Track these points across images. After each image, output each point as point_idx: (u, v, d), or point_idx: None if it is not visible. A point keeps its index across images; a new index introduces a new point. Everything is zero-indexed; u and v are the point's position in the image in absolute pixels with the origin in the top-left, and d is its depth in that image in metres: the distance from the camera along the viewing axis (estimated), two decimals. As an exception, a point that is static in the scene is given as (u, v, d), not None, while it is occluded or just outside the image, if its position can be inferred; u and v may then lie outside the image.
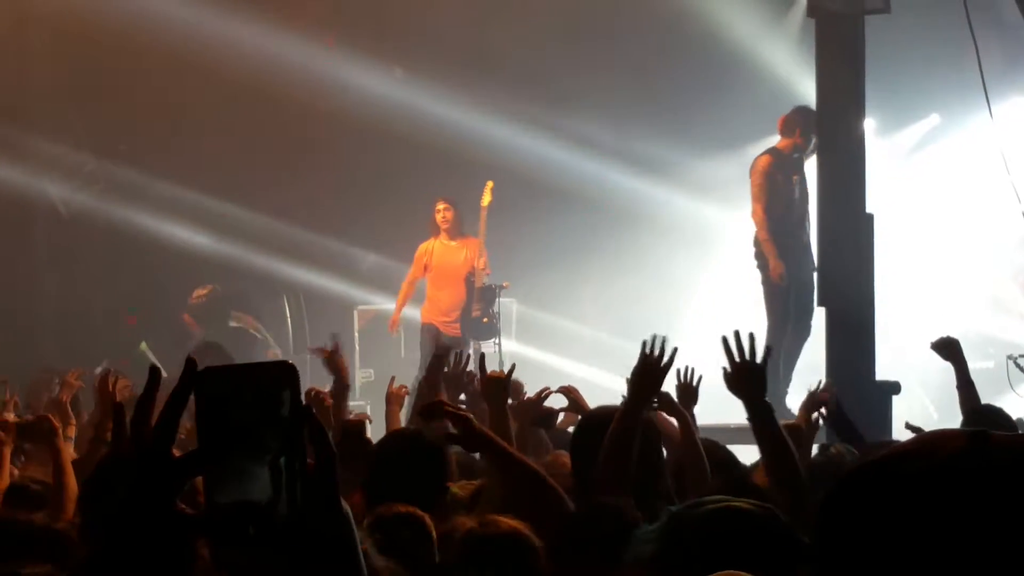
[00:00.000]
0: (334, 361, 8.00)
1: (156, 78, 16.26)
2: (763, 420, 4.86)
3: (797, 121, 12.48)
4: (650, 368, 5.05)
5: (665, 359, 5.09)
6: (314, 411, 1.88)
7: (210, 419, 1.84)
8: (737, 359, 5.04)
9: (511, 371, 6.14)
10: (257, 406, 1.84)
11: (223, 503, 1.82)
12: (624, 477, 4.69)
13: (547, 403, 7.67)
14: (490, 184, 15.06)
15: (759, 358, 5.05)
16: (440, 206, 14.83)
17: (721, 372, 5.08)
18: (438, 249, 14.82)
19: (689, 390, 6.88)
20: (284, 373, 1.88)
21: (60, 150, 16.43)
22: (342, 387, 7.96)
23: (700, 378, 6.89)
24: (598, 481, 4.74)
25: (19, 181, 16.25)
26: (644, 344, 5.08)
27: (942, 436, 1.69)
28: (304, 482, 1.83)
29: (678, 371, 7.08)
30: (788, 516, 4.47)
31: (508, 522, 4.00)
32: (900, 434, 10.34)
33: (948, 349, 7.73)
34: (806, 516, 4.52)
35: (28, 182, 16.52)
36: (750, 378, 4.97)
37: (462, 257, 14.88)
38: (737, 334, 5.13)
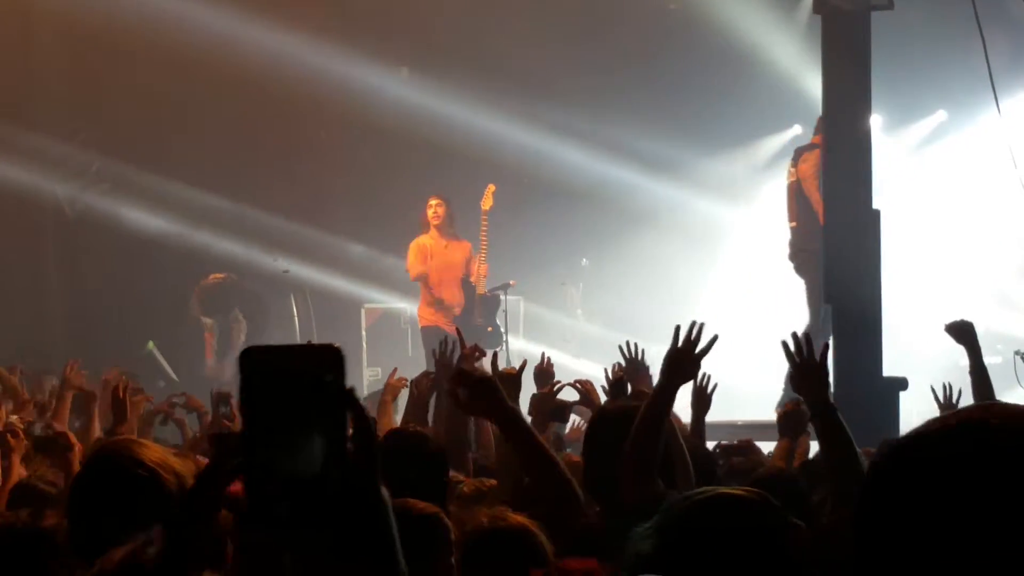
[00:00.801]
0: None
1: (162, 78, 16.26)
2: (827, 419, 4.82)
3: None
4: (685, 352, 4.91)
5: (702, 345, 4.93)
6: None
7: (254, 398, 1.86)
8: (798, 360, 5.02)
9: (522, 368, 6.04)
10: (301, 387, 1.86)
11: (265, 481, 1.83)
12: (652, 464, 4.58)
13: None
14: (491, 187, 14.93)
15: (817, 357, 5.02)
16: (432, 201, 14.71)
17: (786, 375, 5.12)
18: (434, 248, 14.74)
19: (703, 396, 6.87)
20: (330, 355, 1.89)
21: (66, 150, 16.44)
22: None
23: (715, 386, 6.89)
24: (626, 470, 4.61)
25: (25, 181, 16.27)
26: (677, 328, 4.94)
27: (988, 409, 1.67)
28: (344, 463, 1.84)
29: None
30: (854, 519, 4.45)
31: (517, 518, 3.98)
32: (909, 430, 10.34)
33: (963, 332, 7.67)
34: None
35: (34, 182, 16.54)
36: (813, 378, 4.95)
37: (459, 257, 14.82)
38: (795, 335, 5.11)
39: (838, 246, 9.78)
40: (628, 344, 7.10)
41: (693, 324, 4.96)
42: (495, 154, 17.06)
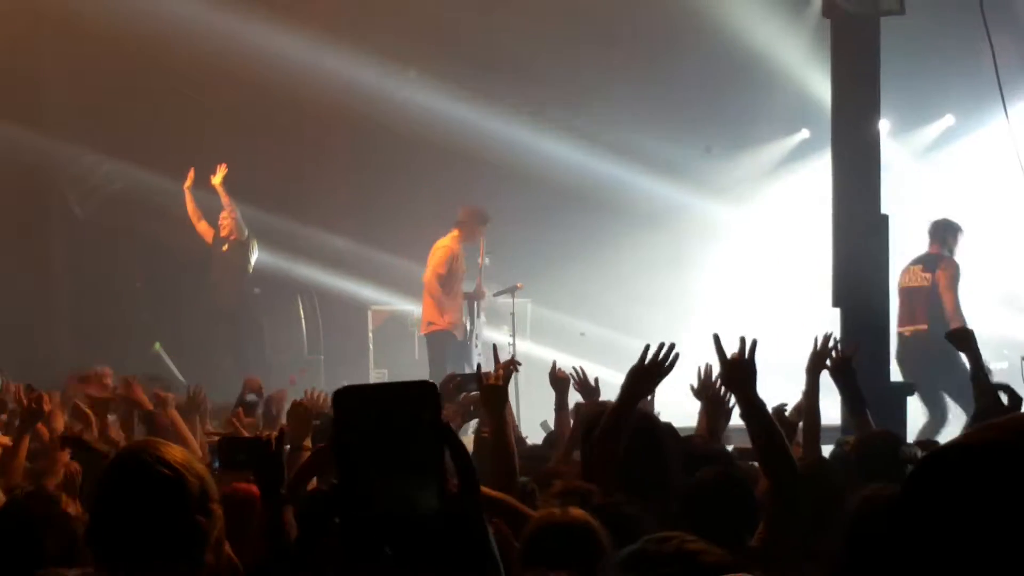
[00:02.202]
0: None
1: (171, 78, 16.29)
2: (754, 415, 4.93)
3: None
4: (647, 369, 5.18)
5: (666, 363, 5.22)
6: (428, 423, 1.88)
7: (348, 437, 1.84)
8: (727, 356, 5.11)
9: (508, 377, 6.09)
10: (395, 424, 1.84)
11: (362, 520, 1.81)
12: (611, 464, 4.90)
13: None
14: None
15: (746, 355, 5.11)
16: (485, 229, 14.81)
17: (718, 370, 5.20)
18: (461, 260, 14.79)
19: (721, 405, 7.12)
20: (423, 392, 1.88)
21: (75, 150, 16.47)
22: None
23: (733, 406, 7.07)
24: (590, 465, 5.01)
25: (35, 182, 16.30)
26: (647, 348, 5.21)
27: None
28: (446, 500, 1.82)
29: (698, 369, 7.25)
30: (781, 509, 4.56)
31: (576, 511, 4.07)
32: (915, 434, 10.34)
33: (962, 338, 7.72)
34: (799, 509, 4.60)
35: (44, 183, 16.57)
36: (739, 374, 5.04)
37: (464, 264, 14.95)
38: (716, 337, 5.21)
39: (847, 251, 9.77)
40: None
41: (662, 346, 5.23)
42: (504, 156, 17.08)
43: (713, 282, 18.42)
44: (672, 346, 5.24)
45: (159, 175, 16.27)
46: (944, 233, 13.07)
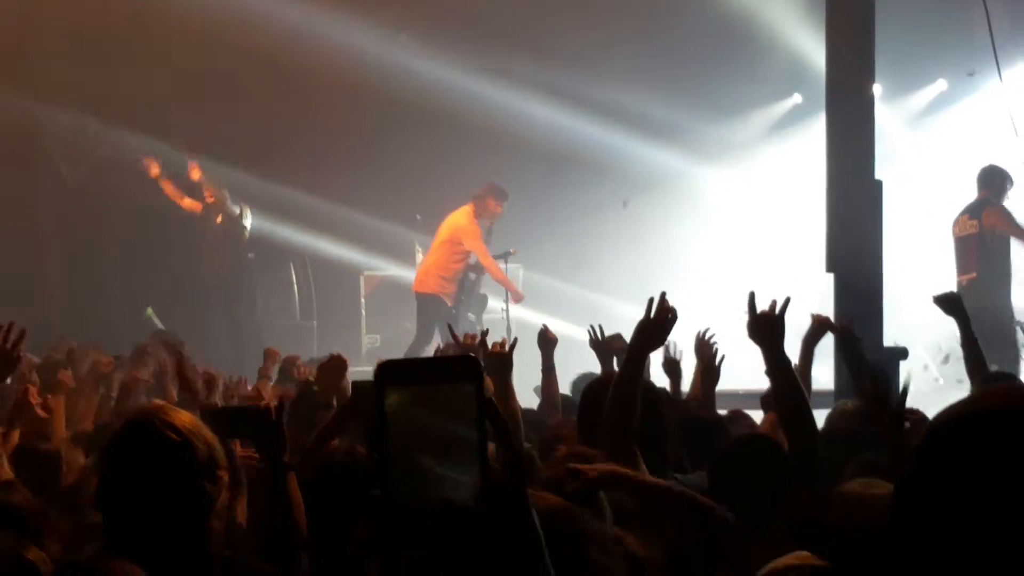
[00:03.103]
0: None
1: (161, 43, 16.22)
2: (781, 372, 4.95)
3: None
4: (654, 322, 5.11)
5: (672, 314, 5.15)
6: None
7: (390, 416, 1.80)
8: (758, 310, 5.13)
9: (513, 346, 6.07)
10: (438, 401, 1.81)
11: (407, 504, 1.78)
12: (629, 429, 4.78)
13: None
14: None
15: (777, 311, 5.15)
16: (505, 204, 14.85)
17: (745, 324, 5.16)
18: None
19: (712, 368, 7.22)
20: (466, 367, 1.85)
21: (65, 116, 16.40)
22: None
23: (723, 358, 7.11)
24: (604, 435, 4.82)
25: (23, 147, 16.24)
26: (650, 300, 5.14)
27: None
28: (489, 478, 1.78)
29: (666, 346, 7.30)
30: (801, 469, 4.55)
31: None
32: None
33: (950, 303, 7.65)
34: (817, 466, 4.59)
35: (33, 149, 16.50)
36: (768, 328, 5.06)
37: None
38: (752, 294, 5.22)
39: (840, 216, 9.76)
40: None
41: (664, 296, 5.16)
42: (494, 120, 17.03)
43: (705, 247, 18.42)
44: (663, 295, 5.20)
45: (149, 139, 16.20)
46: (991, 178, 13.04)
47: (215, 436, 3.34)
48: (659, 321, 5.12)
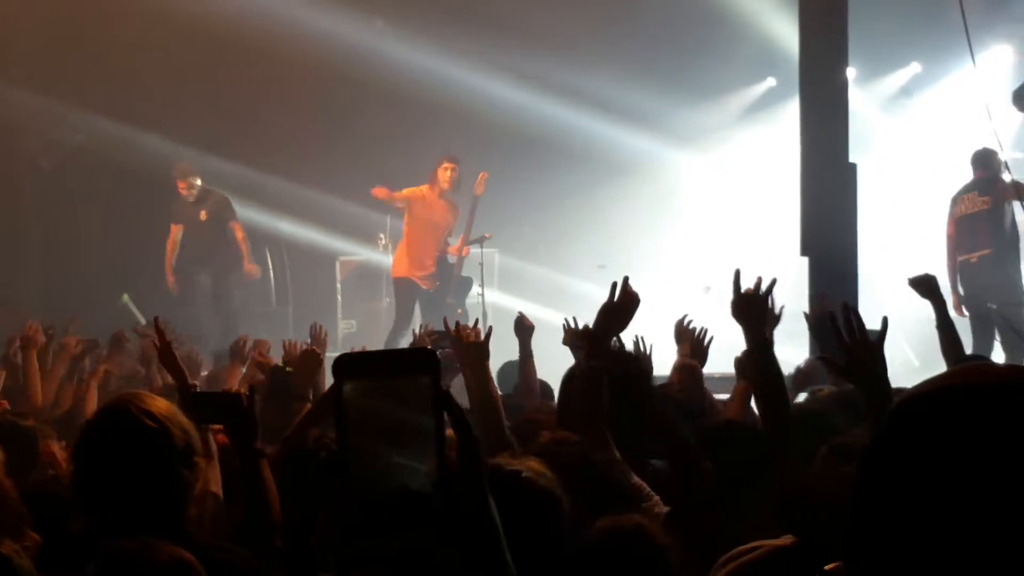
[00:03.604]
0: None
1: (136, 26, 16.16)
2: (762, 353, 4.92)
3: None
4: (618, 305, 5.12)
5: (635, 297, 5.16)
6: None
7: (349, 407, 1.83)
8: (743, 290, 5.12)
9: (488, 334, 6.10)
10: (394, 392, 1.84)
11: (365, 493, 1.80)
12: (596, 412, 4.80)
13: None
14: (483, 175, 14.82)
15: (763, 291, 5.14)
16: (448, 165, 14.70)
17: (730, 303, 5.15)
18: (428, 201, 14.72)
19: (700, 349, 7.28)
20: (424, 359, 1.87)
21: (40, 101, 16.33)
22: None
23: (711, 339, 7.15)
24: (574, 417, 4.90)
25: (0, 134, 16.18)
26: (614, 284, 5.15)
27: (982, 369, 1.67)
28: (446, 468, 1.81)
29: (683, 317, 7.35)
30: (776, 449, 4.56)
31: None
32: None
33: (926, 286, 7.58)
34: (792, 450, 4.60)
35: (9, 135, 16.43)
36: (752, 308, 5.03)
37: (446, 220, 14.84)
38: (737, 272, 5.22)
39: (815, 199, 9.78)
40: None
41: (626, 280, 5.20)
42: (469, 104, 17.03)
43: (681, 231, 18.45)
44: (627, 279, 5.23)
45: (124, 126, 16.16)
46: (989, 159, 13.09)
47: (191, 422, 3.34)
48: (622, 305, 5.13)
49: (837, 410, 5.38)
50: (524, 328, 8.28)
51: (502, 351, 7.72)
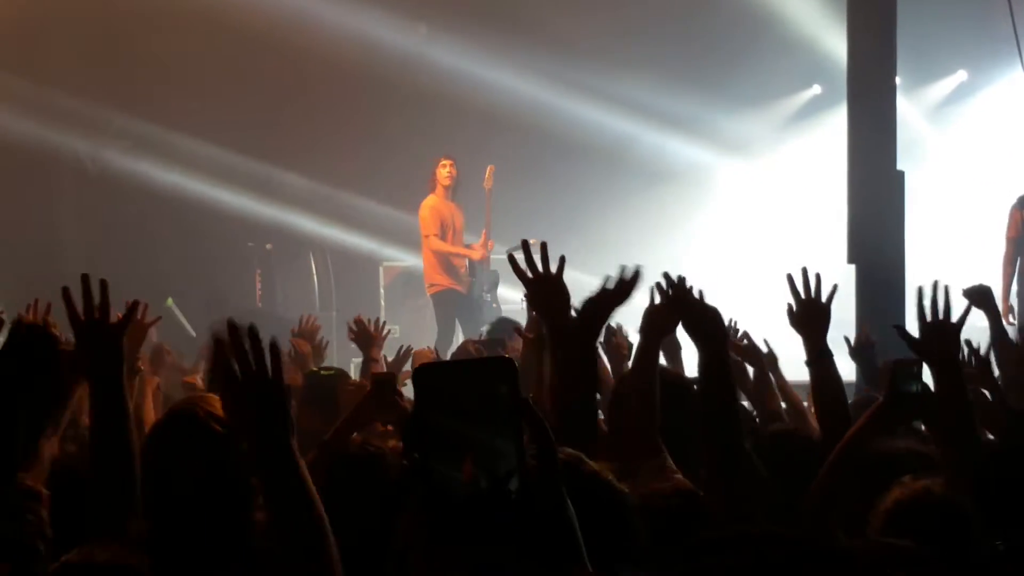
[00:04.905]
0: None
1: (182, 33, 16.21)
2: (822, 362, 4.75)
3: None
4: (660, 308, 4.66)
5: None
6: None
7: (428, 416, 1.84)
8: (803, 295, 4.95)
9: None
10: (473, 401, 1.85)
11: (446, 500, 1.82)
12: (647, 422, 4.48)
13: None
14: (491, 168, 14.76)
15: (824, 297, 4.94)
16: (446, 162, 14.45)
17: (785, 308, 4.96)
18: (446, 211, 14.60)
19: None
20: (501, 368, 1.88)
21: (86, 106, 16.41)
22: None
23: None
24: (629, 436, 4.54)
25: (45, 137, 16.24)
26: (654, 286, 4.71)
27: None
28: (526, 475, 1.82)
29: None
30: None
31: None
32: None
33: (980, 297, 7.37)
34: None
35: (54, 139, 16.51)
36: (815, 316, 4.87)
37: (461, 222, 14.77)
38: (804, 271, 5.02)
39: (863, 207, 9.74)
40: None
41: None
42: (513, 113, 17.03)
43: (725, 238, 18.40)
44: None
45: (170, 130, 16.23)
46: None
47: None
48: (664, 307, 4.63)
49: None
50: None
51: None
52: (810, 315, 4.89)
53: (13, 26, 15.75)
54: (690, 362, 7.34)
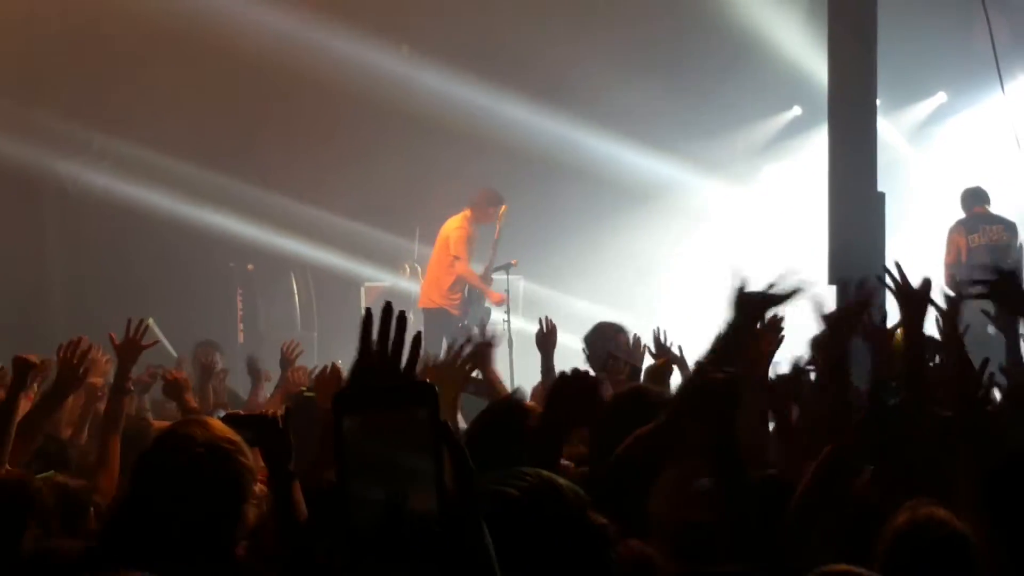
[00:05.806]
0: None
1: (164, 55, 16.21)
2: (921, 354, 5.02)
3: None
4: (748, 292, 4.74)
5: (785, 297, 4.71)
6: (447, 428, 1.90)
7: (349, 438, 1.87)
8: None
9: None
10: (393, 425, 1.87)
11: (366, 523, 1.84)
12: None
13: None
14: (504, 208, 14.96)
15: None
16: (504, 209, 14.82)
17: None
18: (474, 239, 14.83)
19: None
20: (420, 392, 1.91)
21: (68, 127, 16.39)
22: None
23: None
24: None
25: (26, 158, 16.22)
26: (734, 272, 4.77)
27: None
28: (445, 498, 1.85)
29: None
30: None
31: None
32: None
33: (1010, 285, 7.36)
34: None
35: (36, 159, 16.48)
36: (923, 308, 5.18)
37: None
38: (897, 264, 5.37)
39: (843, 228, 9.77)
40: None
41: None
42: (494, 133, 17.04)
43: (706, 259, 18.41)
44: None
45: (151, 151, 16.21)
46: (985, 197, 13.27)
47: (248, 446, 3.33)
48: (757, 295, 4.71)
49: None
50: (546, 339, 8.08)
51: (528, 375, 7.70)
52: (919, 307, 5.21)
53: (5, 52, 15.75)
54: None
